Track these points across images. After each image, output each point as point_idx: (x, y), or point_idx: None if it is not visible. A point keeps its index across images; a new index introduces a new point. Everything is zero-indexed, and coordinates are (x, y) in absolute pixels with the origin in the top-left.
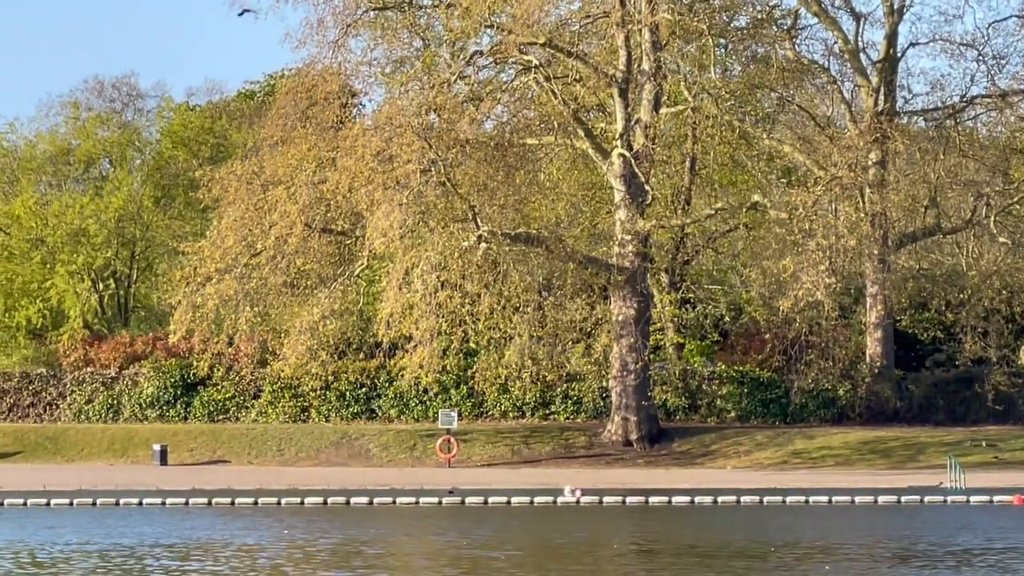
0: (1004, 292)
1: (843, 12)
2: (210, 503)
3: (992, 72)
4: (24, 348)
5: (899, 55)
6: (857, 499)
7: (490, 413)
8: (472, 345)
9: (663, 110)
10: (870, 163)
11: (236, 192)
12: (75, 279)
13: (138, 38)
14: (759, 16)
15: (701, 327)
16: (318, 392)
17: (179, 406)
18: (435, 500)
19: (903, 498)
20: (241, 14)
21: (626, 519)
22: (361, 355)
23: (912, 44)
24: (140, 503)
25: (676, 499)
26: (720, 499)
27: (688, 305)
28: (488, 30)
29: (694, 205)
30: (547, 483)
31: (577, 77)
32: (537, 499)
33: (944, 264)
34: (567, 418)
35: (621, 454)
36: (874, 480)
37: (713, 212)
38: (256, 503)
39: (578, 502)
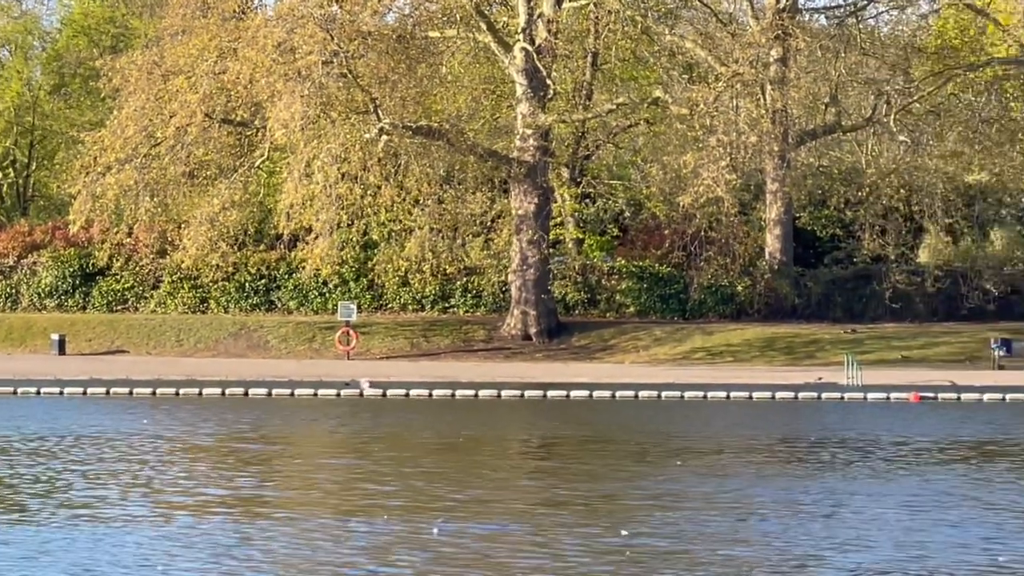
0: (903, 190)
1: None
2: (108, 393)
3: None
4: None
5: None
6: (755, 395)
7: (390, 306)
8: (373, 237)
9: (566, 4)
10: (771, 60)
11: (136, 82)
12: None
13: None
14: None
15: (601, 222)
16: (218, 283)
17: (78, 296)
18: (333, 392)
19: (800, 394)
20: None
21: (525, 412)
22: (261, 246)
23: None
24: (38, 392)
25: (574, 393)
26: (618, 394)
27: (588, 200)
28: None
29: (595, 100)
30: (446, 376)
31: None
32: (436, 392)
33: (844, 162)
34: (466, 311)
35: (520, 348)
36: (772, 376)
37: (614, 107)
38: (155, 393)
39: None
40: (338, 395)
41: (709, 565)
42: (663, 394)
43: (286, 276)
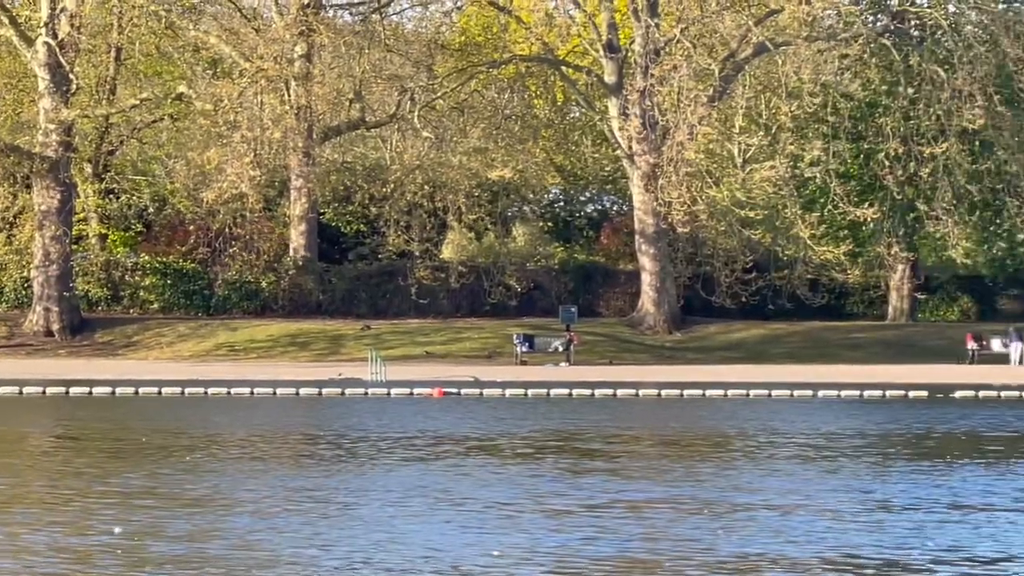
0: (427, 186)
1: None
2: None
3: None
4: None
5: None
6: (279, 391)
7: None
8: None
9: None
10: (296, 56)
11: None
12: None
13: None
14: None
15: (125, 218)
16: None
17: None
18: None
19: (324, 390)
20: None
21: (45, 409)
22: None
23: None
24: None
25: (97, 390)
26: (141, 390)
27: (112, 195)
28: None
29: (119, 95)
30: None
31: None
32: None
33: (368, 158)
34: None
35: (43, 344)
36: (297, 372)
37: (138, 102)
38: None
39: None
40: None
41: (174, 562)
42: (187, 390)
43: None
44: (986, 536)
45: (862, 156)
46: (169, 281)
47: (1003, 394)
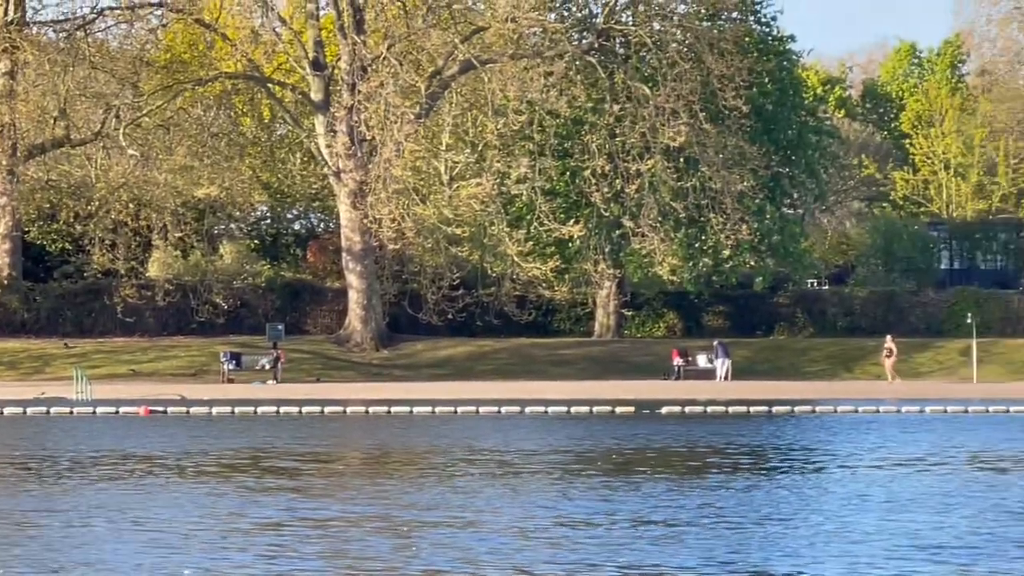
0: (132, 205)
1: None
2: None
3: None
4: None
5: None
6: None
7: None
8: None
9: None
10: None
11: None
12: None
13: None
14: None
15: None
16: None
17: None
18: None
19: (29, 409)
20: None
21: None
22: None
23: None
24: None
25: None
26: None
27: None
28: None
29: None
30: None
31: None
32: None
33: (73, 176)
34: None
35: None
36: (1, 391)
37: None
38: None
39: None
40: None
41: None
42: None
43: None
44: (671, 551)
45: (568, 173)
46: None
47: (709, 409)
